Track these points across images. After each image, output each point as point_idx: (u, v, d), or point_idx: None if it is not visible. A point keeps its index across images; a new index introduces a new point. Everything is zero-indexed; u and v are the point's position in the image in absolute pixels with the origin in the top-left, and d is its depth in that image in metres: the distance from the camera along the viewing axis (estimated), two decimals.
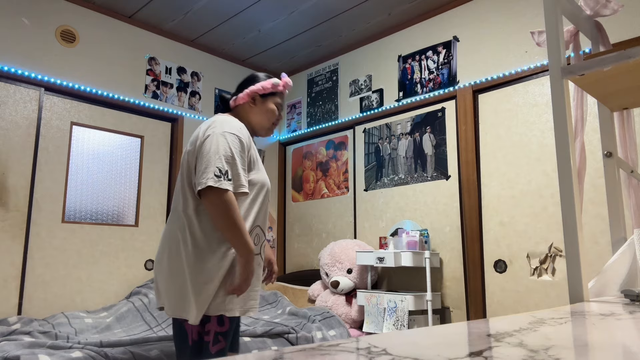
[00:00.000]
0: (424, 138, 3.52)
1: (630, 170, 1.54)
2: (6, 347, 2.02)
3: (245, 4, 3.49)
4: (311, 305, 3.53)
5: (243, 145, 1.69)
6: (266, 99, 1.89)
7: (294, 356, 0.47)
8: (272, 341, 2.59)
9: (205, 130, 1.70)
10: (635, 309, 0.96)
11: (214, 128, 1.69)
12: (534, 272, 2.85)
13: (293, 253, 4.36)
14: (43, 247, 3.12)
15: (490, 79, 3.19)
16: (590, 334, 0.66)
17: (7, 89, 3.08)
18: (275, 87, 1.89)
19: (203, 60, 4.16)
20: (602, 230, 2.61)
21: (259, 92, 1.87)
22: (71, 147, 3.34)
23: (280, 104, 1.92)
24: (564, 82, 1.17)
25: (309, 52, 4.25)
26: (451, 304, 3.20)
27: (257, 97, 1.87)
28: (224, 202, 1.57)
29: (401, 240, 3.14)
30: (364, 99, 3.98)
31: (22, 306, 2.98)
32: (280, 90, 1.91)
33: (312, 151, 4.38)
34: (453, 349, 0.51)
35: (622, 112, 1.57)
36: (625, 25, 2.65)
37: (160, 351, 2.24)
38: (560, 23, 1.21)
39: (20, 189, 3.06)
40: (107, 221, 3.46)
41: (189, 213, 1.66)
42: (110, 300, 3.35)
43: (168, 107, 3.86)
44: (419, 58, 3.64)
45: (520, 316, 0.79)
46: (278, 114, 1.91)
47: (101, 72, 3.52)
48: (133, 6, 3.53)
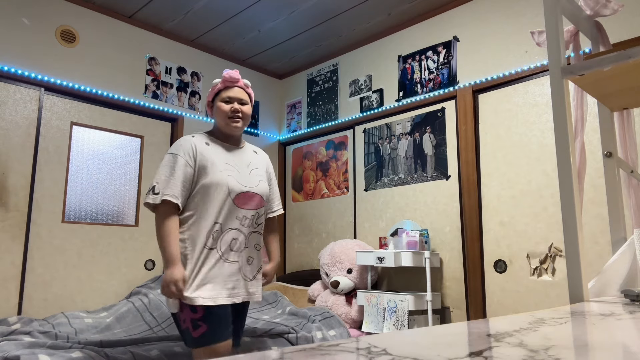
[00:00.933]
0: (424, 138, 3.52)
1: (630, 170, 1.54)
2: (6, 347, 2.02)
3: (245, 4, 3.49)
4: (311, 305, 3.53)
5: (176, 160, 1.91)
6: (215, 102, 2.06)
7: (294, 356, 0.47)
8: (272, 341, 2.59)
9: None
10: (635, 309, 0.96)
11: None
12: (534, 272, 2.85)
13: (293, 253, 4.36)
14: (43, 247, 3.12)
15: (490, 79, 3.19)
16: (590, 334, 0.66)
17: (7, 89, 3.08)
18: (215, 88, 2.05)
19: (203, 60, 4.16)
20: (602, 230, 2.61)
21: (209, 99, 2.09)
22: (71, 147, 3.34)
23: (228, 97, 2.02)
24: (564, 82, 1.17)
25: (309, 52, 4.25)
26: (451, 304, 3.20)
27: (210, 104, 2.09)
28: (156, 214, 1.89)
29: (401, 240, 3.14)
30: (364, 99, 3.98)
31: (22, 306, 2.98)
32: (220, 87, 2.04)
33: (312, 151, 4.38)
34: (453, 349, 0.51)
35: (622, 112, 1.57)
36: (625, 25, 2.65)
37: (160, 351, 2.24)
38: (560, 23, 1.21)
39: (20, 189, 3.06)
40: (107, 221, 3.46)
41: None
42: (110, 300, 3.35)
43: (168, 107, 3.86)
44: (419, 58, 3.64)
45: (520, 316, 0.79)
46: (231, 108, 2.01)
47: (101, 72, 3.52)
48: (133, 6, 3.53)
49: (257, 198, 2.01)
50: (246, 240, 1.98)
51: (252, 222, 2.00)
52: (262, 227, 2.08)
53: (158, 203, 1.87)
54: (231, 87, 2.03)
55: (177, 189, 1.88)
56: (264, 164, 2.16)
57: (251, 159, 2.10)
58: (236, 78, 2.03)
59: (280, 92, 4.77)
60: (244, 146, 2.14)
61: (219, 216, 1.91)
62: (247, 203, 1.98)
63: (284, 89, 4.75)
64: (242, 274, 1.96)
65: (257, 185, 2.03)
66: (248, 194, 1.98)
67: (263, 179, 2.08)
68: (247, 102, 2.06)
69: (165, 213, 1.86)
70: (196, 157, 1.94)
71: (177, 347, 2.32)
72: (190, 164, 1.92)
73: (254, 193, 2.01)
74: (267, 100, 4.64)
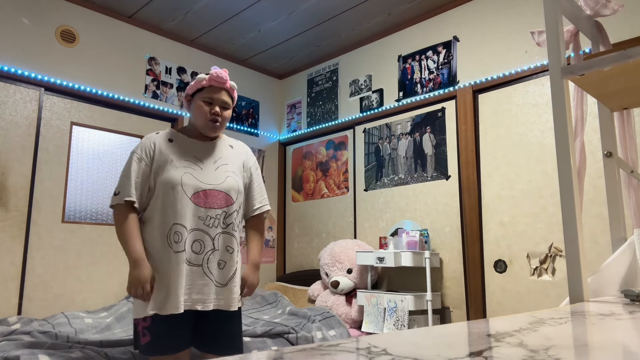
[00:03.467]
0: (424, 138, 3.52)
1: (630, 170, 1.54)
2: (6, 347, 2.02)
3: (245, 4, 3.49)
4: (311, 305, 3.53)
5: (132, 157, 1.85)
6: (195, 97, 1.92)
7: (294, 356, 0.47)
8: (272, 341, 2.59)
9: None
10: (635, 309, 0.96)
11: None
12: (534, 272, 2.85)
13: (293, 253, 4.36)
14: (43, 247, 3.12)
15: (490, 79, 3.19)
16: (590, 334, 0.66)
17: (7, 89, 3.08)
18: (199, 83, 1.90)
19: (203, 60, 4.16)
20: (602, 230, 2.61)
21: (188, 92, 1.94)
22: (71, 147, 3.34)
23: (210, 97, 1.89)
24: (564, 82, 1.17)
25: (309, 52, 4.25)
26: (451, 304, 3.20)
27: (188, 99, 1.96)
28: (114, 215, 1.84)
29: (401, 240, 3.14)
30: (364, 99, 3.98)
31: (22, 306, 2.98)
32: (204, 85, 1.89)
33: (312, 151, 4.38)
34: (453, 349, 0.51)
35: (622, 112, 1.57)
36: (625, 25, 2.65)
37: None
38: (560, 23, 1.21)
39: (20, 189, 3.06)
40: (107, 221, 3.46)
41: None
42: (110, 300, 3.35)
43: (168, 107, 3.86)
44: (419, 58, 3.64)
45: (520, 316, 0.79)
46: (211, 110, 1.89)
47: (101, 72, 3.52)
48: (133, 6, 3.53)
49: (221, 196, 1.85)
50: (213, 242, 1.82)
51: (220, 222, 1.84)
52: (234, 227, 1.90)
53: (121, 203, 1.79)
54: (216, 88, 1.90)
55: (131, 187, 1.80)
56: (238, 158, 2.00)
57: (222, 154, 1.96)
58: (224, 79, 1.90)
59: (280, 92, 4.77)
60: (218, 140, 2.00)
61: (178, 216, 1.78)
62: (210, 202, 1.83)
63: (284, 89, 4.75)
64: (212, 279, 1.81)
65: (224, 182, 1.87)
66: (210, 192, 1.83)
67: (233, 175, 1.92)
68: (230, 106, 1.95)
69: (121, 213, 1.79)
70: (154, 155, 1.85)
71: None
72: (146, 161, 1.84)
73: (218, 191, 1.85)
74: (267, 100, 4.64)
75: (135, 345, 1.83)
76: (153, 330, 1.73)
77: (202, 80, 1.89)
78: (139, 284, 1.72)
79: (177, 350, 1.75)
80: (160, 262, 1.77)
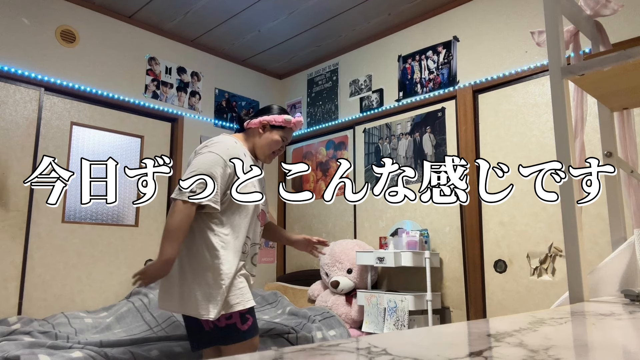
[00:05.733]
0: (424, 138, 3.52)
1: (630, 170, 1.54)
2: (6, 347, 2.02)
3: (245, 4, 3.49)
4: (311, 305, 3.53)
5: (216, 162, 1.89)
6: (274, 130, 2.12)
7: (294, 356, 0.47)
8: (272, 341, 2.59)
9: (202, 148, 1.95)
10: (635, 309, 0.96)
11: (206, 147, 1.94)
12: (534, 272, 2.85)
13: (293, 253, 4.36)
14: (43, 247, 3.12)
15: (490, 79, 3.19)
16: (590, 334, 0.66)
17: (7, 89, 3.08)
18: (287, 123, 2.13)
19: (203, 60, 4.16)
20: (602, 230, 2.61)
21: (270, 122, 2.11)
22: (71, 147, 3.34)
23: (285, 137, 2.15)
24: (564, 82, 1.17)
25: (309, 52, 4.25)
26: (451, 304, 3.20)
27: (267, 126, 2.11)
28: (174, 209, 1.80)
29: (401, 240, 3.14)
30: (364, 99, 3.98)
31: (22, 306, 2.98)
32: (290, 126, 2.15)
33: (312, 151, 4.38)
34: (453, 349, 0.51)
35: (622, 112, 1.58)
36: (625, 25, 2.65)
37: (160, 351, 2.24)
38: (560, 23, 1.21)
39: (20, 189, 3.06)
40: (107, 221, 3.46)
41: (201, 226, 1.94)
42: (110, 300, 3.35)
43: (168, 107, 3.86)
44: (419, 58, 3.64)
45: (520, 316, 0.79)
46: (281, 145, 2.15)
47: (101, 72, 3.52)
48: (133, 6, 3.53)
49: (263, 214, 2.14)
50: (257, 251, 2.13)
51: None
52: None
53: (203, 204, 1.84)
54: (292, 131, 2.18)
55: (217, 194, 1.86)
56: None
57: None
58: (301, 126, 2.21)
59: (280, 92, 4.77)
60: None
61: (249, 231, 1.99)
62: (263, 219, 2.13)
63: (284, 89, 4.75)
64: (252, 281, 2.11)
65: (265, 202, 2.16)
66: (262, 210, 2.12)
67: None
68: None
69: (189, 214, 1.81)
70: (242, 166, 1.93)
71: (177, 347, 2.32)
72: (231, 170, 1.92)
73: (264, 211, 2.15)
74: (267, 100, 4.64)
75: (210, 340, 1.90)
76: (253, 316, 1.95)
77: (289, 122, 2.13)
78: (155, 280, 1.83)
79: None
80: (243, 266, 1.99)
